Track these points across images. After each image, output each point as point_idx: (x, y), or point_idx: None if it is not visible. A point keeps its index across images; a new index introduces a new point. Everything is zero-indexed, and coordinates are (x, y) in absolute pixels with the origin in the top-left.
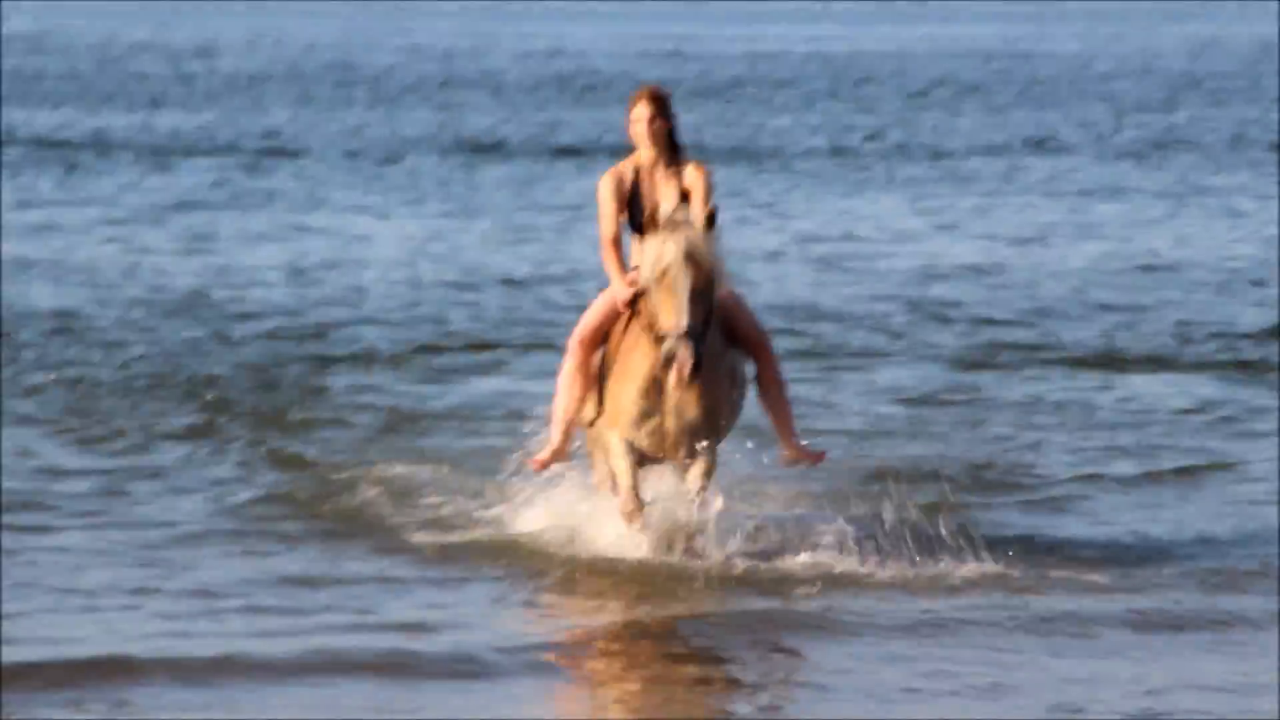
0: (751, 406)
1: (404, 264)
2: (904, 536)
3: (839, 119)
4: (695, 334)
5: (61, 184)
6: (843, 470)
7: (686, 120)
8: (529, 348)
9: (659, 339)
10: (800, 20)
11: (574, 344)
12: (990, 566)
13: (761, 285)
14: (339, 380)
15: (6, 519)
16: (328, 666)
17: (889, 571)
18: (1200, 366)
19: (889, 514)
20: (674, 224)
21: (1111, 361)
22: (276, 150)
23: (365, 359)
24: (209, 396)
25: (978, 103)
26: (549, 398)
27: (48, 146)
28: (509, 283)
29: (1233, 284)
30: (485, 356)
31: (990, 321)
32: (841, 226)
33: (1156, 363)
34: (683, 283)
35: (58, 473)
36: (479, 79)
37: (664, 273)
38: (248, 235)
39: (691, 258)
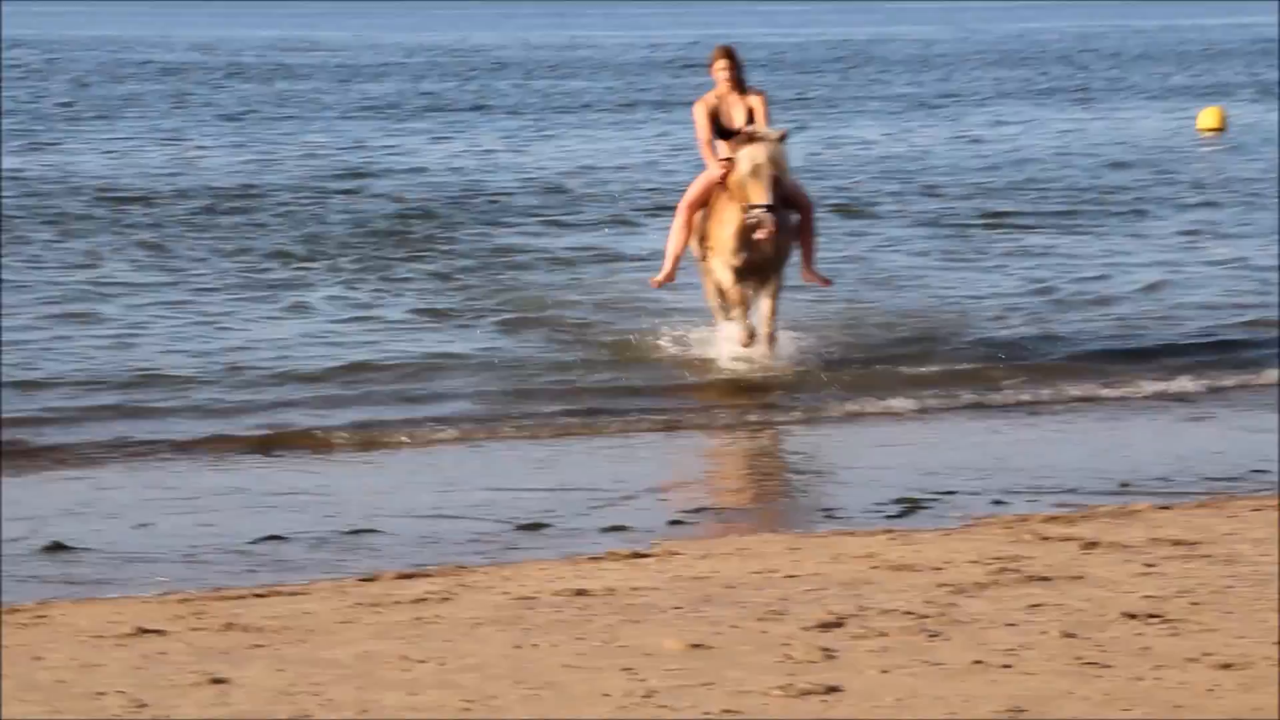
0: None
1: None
2: None
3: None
4: (773, 207)
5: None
6: None
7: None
8: None
9: (751, 209)
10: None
11: (682, 206)
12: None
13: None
14: None
15: None
16: None
17: None
18: None
19: None
20: (762, 137)
21: None
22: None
23: None
24: None
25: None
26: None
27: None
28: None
29: None
30: None
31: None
32: None
33: None
34: (766, 174)
35: None
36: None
37: (755, 169)
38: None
39: (772, 159)
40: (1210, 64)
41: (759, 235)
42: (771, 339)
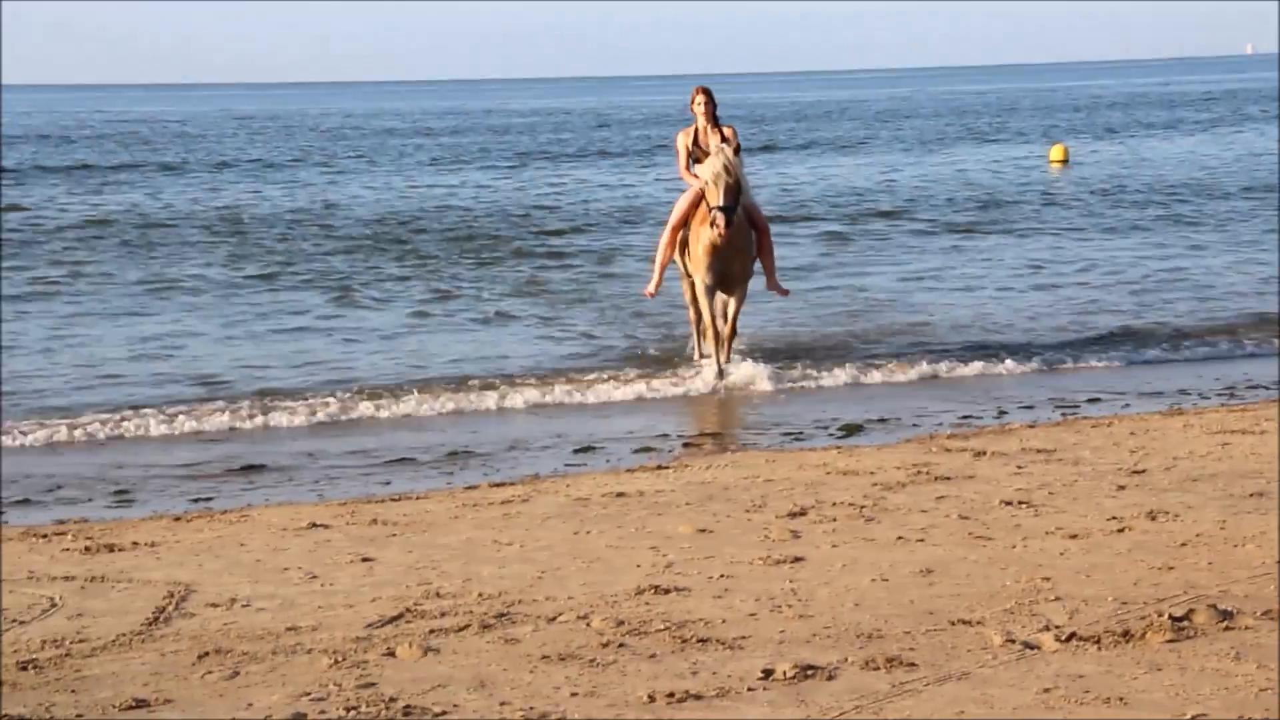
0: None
1: None
2: None
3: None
4: (728, 208)
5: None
6: None
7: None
8: None
9: (712, 209)
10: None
11: (669, 224)
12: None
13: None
14: None
15: None
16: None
17: None
18: None
19: None
20: (719, 151)
21: None
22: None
23: None
24: None
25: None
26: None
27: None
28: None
29: None
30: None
31: None
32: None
33: None
34: (722, 180)
35: None
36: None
37: (715, 176)
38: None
39: (726, 168)
40: (1056, 114)
41: (715, 231)
42: (732, 335)
